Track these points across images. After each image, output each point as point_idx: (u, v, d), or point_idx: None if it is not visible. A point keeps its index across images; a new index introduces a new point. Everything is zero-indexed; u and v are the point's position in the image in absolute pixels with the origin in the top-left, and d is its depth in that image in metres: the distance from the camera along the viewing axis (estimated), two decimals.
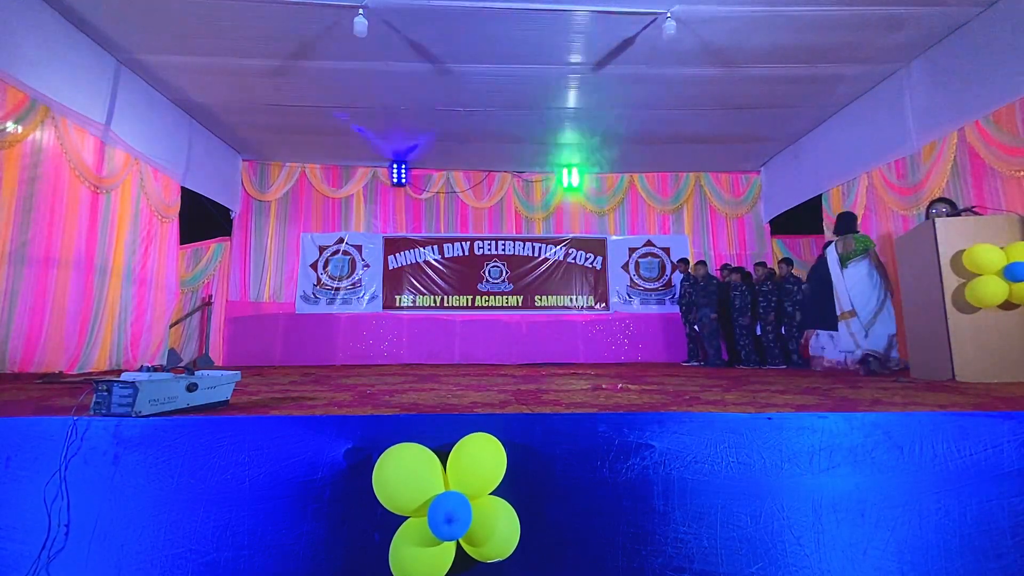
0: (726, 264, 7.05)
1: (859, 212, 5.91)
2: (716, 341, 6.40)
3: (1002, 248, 3.12)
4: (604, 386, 3.00)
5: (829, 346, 4.79)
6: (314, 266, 7.65)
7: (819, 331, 4.96)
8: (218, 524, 1.55)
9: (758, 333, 6.35)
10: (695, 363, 6.68)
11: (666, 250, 7.96)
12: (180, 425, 1.63)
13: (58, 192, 4.44)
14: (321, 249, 7.68)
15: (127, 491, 1.57)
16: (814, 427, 1.63)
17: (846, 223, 4.61)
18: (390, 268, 7.73)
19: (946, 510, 1.56)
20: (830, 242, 4.68)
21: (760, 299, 6.28)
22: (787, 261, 6.69)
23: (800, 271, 6.79)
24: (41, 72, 4.13)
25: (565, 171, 7.85)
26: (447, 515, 1.35)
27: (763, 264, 6.73)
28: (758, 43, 4.73)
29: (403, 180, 7.75)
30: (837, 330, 4.43)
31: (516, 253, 7.88)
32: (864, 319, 4.30)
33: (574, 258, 7.94)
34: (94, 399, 1.66)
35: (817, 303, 4.69)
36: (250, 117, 6.30)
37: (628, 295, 7.85)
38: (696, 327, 6.58)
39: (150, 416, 1.66)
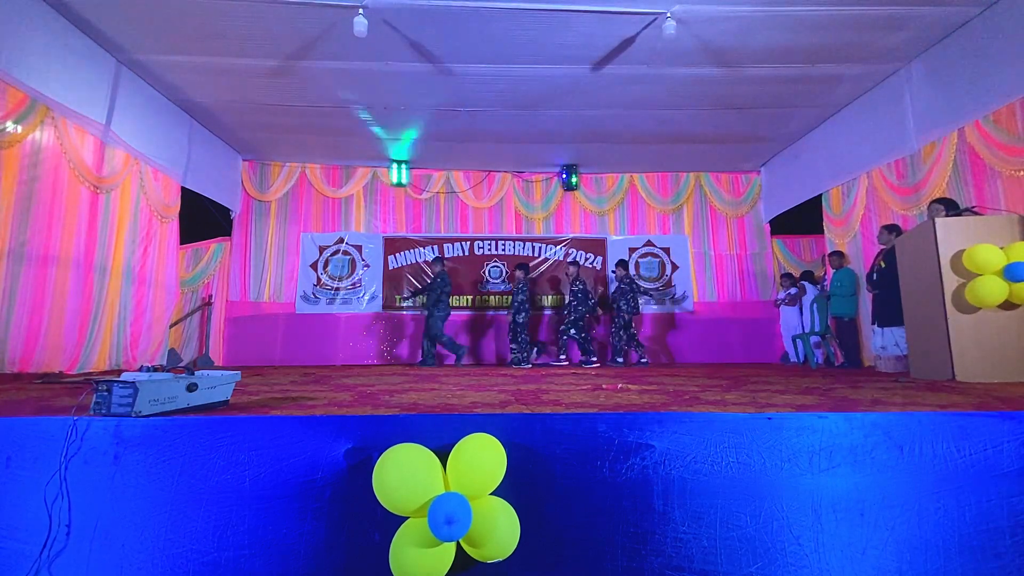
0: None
1: (859, 212, 5.93)
2: (577, 339, 6.60)
3: (1002, 248, 3.12)
4: (604, 386, 3.00)
5: (891, 344, 4.77)
6: (314, 266, 7.65)
7: (885, 329, 4.88)
8: (219, 524, 1.55)
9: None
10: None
11: (666, 250, 7.97)
12: (180, 425, 1.63)
13: (58, 192, 4.43)
14: (321, 249, 7.68)
15: (128, 491, 1.57)
16: (814, 427, 1.63)
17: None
18: (390, 268, 7.74)
19: (945, 510, 1.56)
20: (891, 247, 4.68)
21: (571, 299, 6.57)
22: (622, 263, 6.85)
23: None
24: (41, 72, 4.13)
25: (565, 171, 7.86)
26: (447, 516, 1.35)
27: (623, 263, 6.88)
28: (758, 43, 4.73)
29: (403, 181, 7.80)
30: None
31: (516, 253, 7.88)
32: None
33: (574, 258, 7.94)
34: (94, 399, 1.66)
35: (892, 301, 4.57)
36: (250, 117, 6.30)
37: None
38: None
39: (150, 416, 1.66)
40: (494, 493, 1.52)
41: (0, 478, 1.58)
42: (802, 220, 7.45)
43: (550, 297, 7.82)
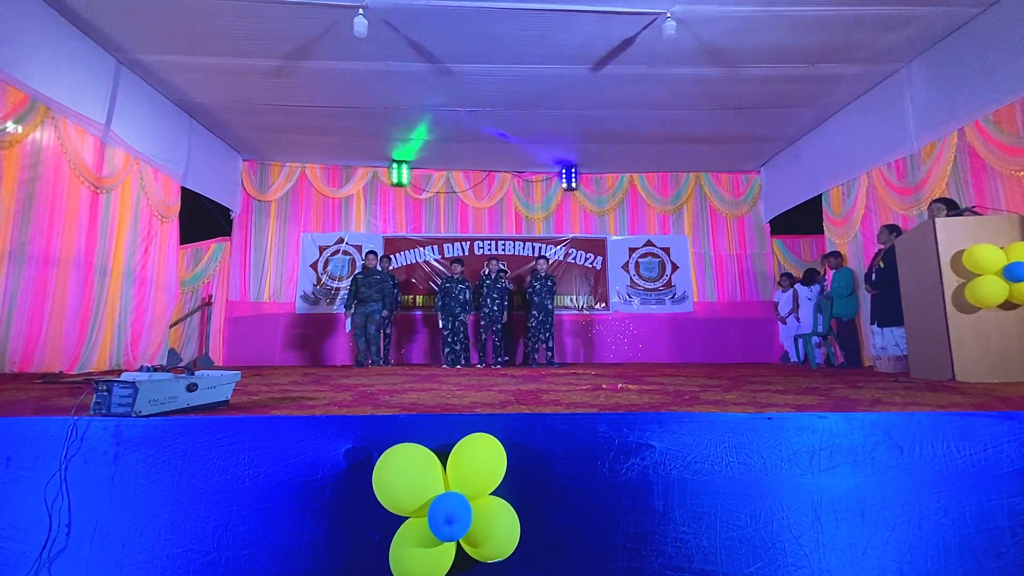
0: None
1: (859, 212, 5.93)
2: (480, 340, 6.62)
3: (1002, 248, 3.12)
4: (604, 386, 3.00)
5: (891, 345, 4.69)
6: (314, 266, 7.65)
7: (884, 329, 4.80)
8: (218, 524, 1.55)
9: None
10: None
11: (666, 250, 7.97)
12: (180, 425, 1.62)
13: (58, 192, 4.44)
14: (321, 249, 7.68)
15: (127, 491, 1.57)
16: (814, 427, 1.62)
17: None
18: (390, 268, 7.73)
19: (946, 510, 1.56)
20: (891, 247, 4.62)
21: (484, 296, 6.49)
22: (543, 259, 6.79)
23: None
24: (41, 72, 4.13)
25: (564, 171, 7.87)
26: (447, 516, 1.35)
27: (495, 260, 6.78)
28: (758, 43, 4.73)
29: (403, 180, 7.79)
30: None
31: (516, 253, 7.88)
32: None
33: (574, 258, 7.94)
34: (94, 399, 1.66)
35: (892, 301, 4.44)
36: (250, 117, 6.30)
37: (628, 295, 7.86)
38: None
39: (150, 416, 1.66)
40: (494, 493, 1.52)
41: (0, 478, 1.58)
42: (802, 220, 7.45)
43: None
